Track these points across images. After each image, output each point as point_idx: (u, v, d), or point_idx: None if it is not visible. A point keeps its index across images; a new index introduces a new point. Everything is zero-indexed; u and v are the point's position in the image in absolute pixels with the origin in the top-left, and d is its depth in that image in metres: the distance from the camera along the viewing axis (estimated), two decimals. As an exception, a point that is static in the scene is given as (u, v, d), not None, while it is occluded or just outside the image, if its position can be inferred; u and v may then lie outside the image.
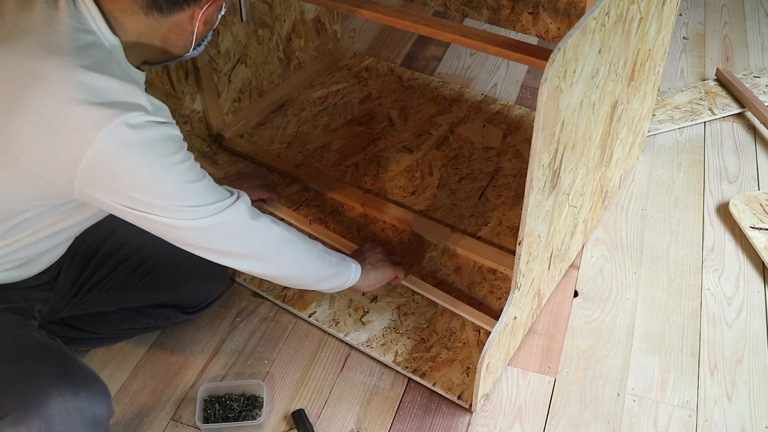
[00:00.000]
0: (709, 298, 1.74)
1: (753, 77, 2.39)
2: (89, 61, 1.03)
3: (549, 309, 1.71)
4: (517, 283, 1.40)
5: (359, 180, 2.02)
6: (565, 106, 1.21)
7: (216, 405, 1.49)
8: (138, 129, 1.02)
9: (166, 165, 1.07)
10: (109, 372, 1.58)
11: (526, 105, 2.31)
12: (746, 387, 1.55)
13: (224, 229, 1.20)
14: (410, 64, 2.51)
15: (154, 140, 1.05)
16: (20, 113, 1.00)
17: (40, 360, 1.15)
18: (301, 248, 1.37)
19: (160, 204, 1.09)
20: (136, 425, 1.49)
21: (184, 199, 1.11)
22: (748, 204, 1.93)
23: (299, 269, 1.38)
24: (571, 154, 1.38)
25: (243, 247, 1.25)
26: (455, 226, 1.87)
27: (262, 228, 1.27)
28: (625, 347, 1.63)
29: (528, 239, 1.32)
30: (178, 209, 1.11)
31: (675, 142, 2.17)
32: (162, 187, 1.08)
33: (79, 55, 1.02)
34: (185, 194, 1.11)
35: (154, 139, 1.05)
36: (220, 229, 1.19)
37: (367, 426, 1.49)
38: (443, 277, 1.76)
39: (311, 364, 1.60)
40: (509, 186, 1.99)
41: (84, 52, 1.03)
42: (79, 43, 1.04)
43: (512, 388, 1.55)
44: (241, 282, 1.76)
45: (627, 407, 1.52)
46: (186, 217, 1.13)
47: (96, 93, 1.00)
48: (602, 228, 1.90)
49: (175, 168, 1.09)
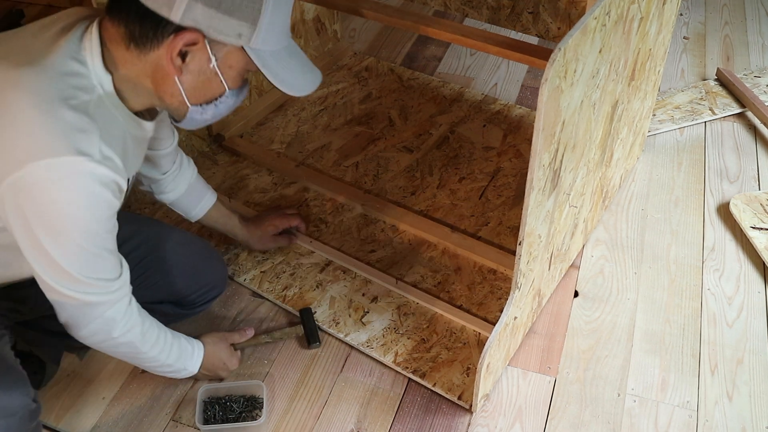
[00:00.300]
0: (710, 298, 1.73)
1: (753, 77, 2.39)
2: (63, 90, 1.03)
3: (549, 309, 1.71)
4: (518, 283, 1.40)
5: (359, 180, 2.02)
6: (565, 106, 1.21)
7: (216, 406, 1.48)
8: (73, 175, 1.02)
9: (80, 221, 1.07)
10: (108, 372, 1.58)
11: (526, 105, 2.31)
12: (747, 387, 1.55)
13: (83, 309, 1.19)
14: (410, 64, 2.51)
15: (83, 192, 1.05)
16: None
17: None
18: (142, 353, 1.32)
19: (51, 251, 1.08)
20: (136, 425, 1.49)
21: (70, 262, 1.11)
22: (749, 204, 1.92)
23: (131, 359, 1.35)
24: (571, 154, 1.37)
25: (87, 329, 1.22)
26: (455, 226, 1.87)
27: (119, 327, 1.24)
28: (625, 347, 1.63)
29: (528, 239, 1.32)
30: (60, 269, 1.11)
31: (675, 142, 2.17)
32: (63, 238, 1.08)
33: (57, 81, 1.03)
34: (76, 258, 1.11)
35: (81, 191, 1.04)
36: (78, 309, 1.19)
37: (367, 426, 1.49)
38: (443, 277, 1.76)
39: (311, 364, 1.60)
40: (509, 186, 1.99)
41: (63, 79, 1.04)
42: (64, 70, 1.05)
43: (512, 389, 1.55)
44: (241, 282, 1.76)
45: (627, 407, 1.52)
46: (60, 281, 1.13)
47: (49, 121, 1.01)
48: (602, 228, 1.90)
49: (86, 228, 1.09)
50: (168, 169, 1.54)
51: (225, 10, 1.03)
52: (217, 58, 1.09)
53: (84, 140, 1.03)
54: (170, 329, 1.39)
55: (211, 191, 1.67)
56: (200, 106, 1.16)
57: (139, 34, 1.06)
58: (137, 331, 1.27)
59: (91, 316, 1.20)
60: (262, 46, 1.09)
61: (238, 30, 1.06)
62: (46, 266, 1.11)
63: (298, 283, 1.75)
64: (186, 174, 1.60)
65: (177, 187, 1.58)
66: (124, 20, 1.07)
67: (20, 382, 1.22)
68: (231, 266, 1.79)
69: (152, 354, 1.33)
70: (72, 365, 1.60)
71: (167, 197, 1.59)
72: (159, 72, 1.10)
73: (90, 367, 1.60)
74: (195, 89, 1.13)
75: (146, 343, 1.30)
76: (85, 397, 1.54)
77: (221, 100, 1.17)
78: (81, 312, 1.19)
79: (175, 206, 1.63)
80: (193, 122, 1.19)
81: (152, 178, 1.54)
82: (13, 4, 2.87)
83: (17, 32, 1.14)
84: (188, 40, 1.05)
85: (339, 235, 1.87)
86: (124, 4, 1.06)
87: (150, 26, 1.05)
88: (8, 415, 1.18)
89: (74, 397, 1.54)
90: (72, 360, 1.61)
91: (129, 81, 1.11)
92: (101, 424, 1.50)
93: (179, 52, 1.06)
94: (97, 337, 1.23)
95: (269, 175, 2.05)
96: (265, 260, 1.80)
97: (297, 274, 1.76)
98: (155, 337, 1.33)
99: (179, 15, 1.03)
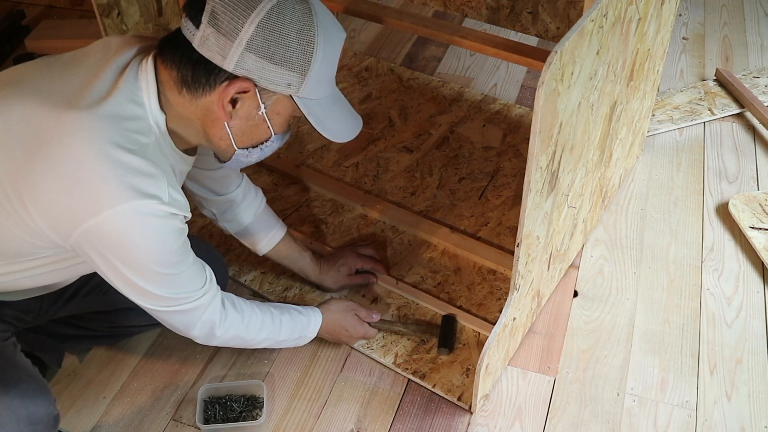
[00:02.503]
0: (709, 298, 1.74)
1: (752, 77, 2.39)
2: (126, 134, 1.06)
3: (549, 309, 1.72)
4: (516, 285, 1.40)
5: (359, 180, 2.03)
6: (562, 109, 1.21)
7: (216, 406, 1.49)
8: (145, 217, 1.06)
9: (158, 255, 1.12)
10: (108, 372, 1.59)
11: (526, 105, 2.31)
12: (746, 387, 1.56)
13: (182, 317, 1.25)
14: (410, 64, 2.51)
15: (157, 230, 1.09)
16: (45, 162, 1.03)
17: None
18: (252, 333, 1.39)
19: (137, 281, 1.14)
20: (136, 425, 1.50)
21: (157, 287, 1.16)
22: (748, 204, 1.93)
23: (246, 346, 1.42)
24: (569, 156, 1.38)
25: (194, 332, 1.30)
26: (455, 226, 1.88)
27: (219, 326, 1.31)
28: (624, 347, 1.63)
29: (526, 241, 1.33)
30: (149, 294, 1.17)
31: (674, 142, 2.17)
32: (145, 271, 1.13)
33: (119, 127, 1.06)
34: (161, 283, 1.16)
35: (155, 230, 1.09)
36: (177, 319, 1.25)
37: (367, 426, 1.49)
38: (443, 277, 1.76)
39: (311, 364, 1.60)
40: (509, 186, 1.99)
41: (124, 124, 1.07)
42: (125, 114, 1.08)
43: (512, 389, 1.56)
44: (241, 282, 1.76)
45: (627, 407, 1.52)
46: (152, 303, 1.20)
47: (120, 169, 1.04)
48: (602, 228, 1.91)
49: (165, 259, 1.13)
50: (225, 192, 1.53)
51: (277, 61, 1.07)
52: (266, 105, 1.13)
53: (152, 184, 1.07)
54: (283, 305, 1.47)
55: (280, 224, 1.65)
56: (246, 150, 1.19)
57: (192, 80, 1.09)
58: (238, 325, 1.34)
59: (191, 321, 1.26)
60: (309, 95, 1.13)
61: (288, 80, 1.09)
62: (137, 294, 1.17)
63: (299, 284, 1.75)
64: (251, 204, 1.58)
65: (241, 217, 1.58)
66: (176, 64, 1.10)
67: (43, 390, 1.24)
68: (231, 267, 1.79)
69: (261, 337, 1.39)
70: (72, 365, 1.60)
71: (231, 226, 1.59)
72: (209, 116, 1.13)
73: (90, 367, 1.60)
74: (243, 134, 1.16)
75: (251, 331, 1.36)
76: (85, 397, 1.55)
77: (266, 144, 1.20)
78: (180, 320, 1.25)
79: (241, 237, 1.62)
80: (238, 163, 1.23)
81: (210, 200, 1.53)
82: (14, 5, 2.87)
83: (71, 62, 1.15)
84: (240, 89, 1.09)
85: (339, 235, 1.87)
86: (177, 48, 1.09)
87: (203, 73, 1.08)
88: (34, 422, 1.19)
89: (74, 397, 1.55)
90: (72, 360, 1.61)
91: (181, 120, 1.15)
92: (102, 424, 1.50)
93: (230, 99, 1.10)
94: (204, 338, 1.31)
95: (269, 175, 2.05)
96: (265, 261, 1.80)
97: (297, 274, 1.77)
98: (260, 324, 1.38)
99: (232, 65, 1.06)
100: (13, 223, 1.08)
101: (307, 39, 1.07)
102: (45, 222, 1.06)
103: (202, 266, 1.25)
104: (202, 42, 1.06)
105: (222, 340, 1.33)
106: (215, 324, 1.29)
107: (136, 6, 1.73)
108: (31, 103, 1.07)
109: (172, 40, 1.11)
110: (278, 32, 1.05)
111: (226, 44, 1.05)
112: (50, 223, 1.06)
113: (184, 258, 1.18)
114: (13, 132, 1.06)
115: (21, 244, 1.11)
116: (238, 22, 1.03)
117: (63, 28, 2.65)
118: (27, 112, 1.07)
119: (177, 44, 1.09)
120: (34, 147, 1.04)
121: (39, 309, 1.38)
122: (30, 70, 1.15)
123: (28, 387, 1.20)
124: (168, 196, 1.09)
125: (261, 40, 1.05)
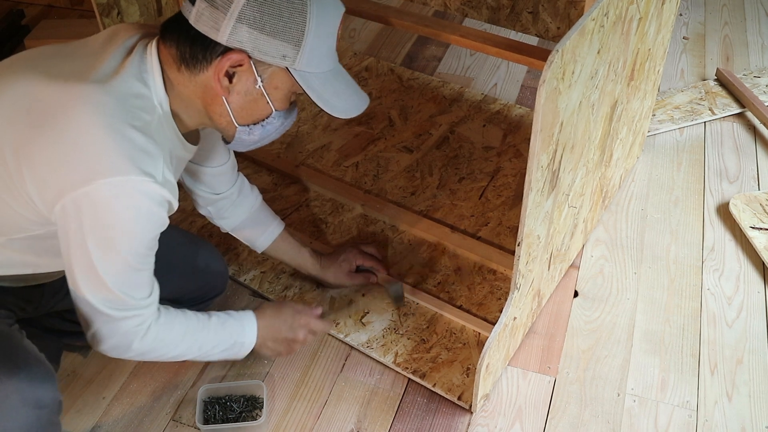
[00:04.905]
0: (710, 298, 1.74)
1: (753, 77, 2.39)
2: (129, 110, 1.07)
3: (549, 309, 1.71)
4: (517, 284, 1.40)
5: (359, 180, 2.02)
6: (563, 108, 1.21)
7: (216, 406, 1.49)
8: (136, 193, 1.05)
9: (133, 238, 1.10)
10: (108, 372, 1.59)
11: (526, 105, 2.31)
12: (746, 387, 1.55)
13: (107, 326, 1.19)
14: (410, 64, 2.51)
15: (143, 211, 1.08)
16: (48, 129, 1.04)
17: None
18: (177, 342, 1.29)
19: (97, 262, 1.10)
20: (136, 425, 1.50)
21: (111, 275, 1.12)
22: (749, 204, 1.92)
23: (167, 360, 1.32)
24: (570, 155, 1.38)
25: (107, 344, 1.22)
26: (455, 226, 1.87)
27: (137, 341, 1.22)
28: (625, 347, 1.63)
29: (527, 240, 1.32)
30: (99, 281, 1.12)
31: (675, 142, 2.17)
32: (113, 253, 1.10)
33: (123, 102, 1.07)
34: (117, 271, 1.12)
35: (141, 209, 1.08)
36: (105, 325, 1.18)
37: (367, 426, 1.49)
38: (443, 277, 1.76)
39: (311, 364, 1.60)
40: (509, 186, 1.99)
41: (129, 100, 1.08)
42: (130, 91, 1.09)
43: (512, 389, 1.56)
44: (241, 282, 1.76)
45: (627, 407, 1.52)
46: (96, 294, 1.14)
47: (122, 141, 1.04)
48: (602, 228, 1.90)
49: (137, 246, 1.11)
50: (222, 190, 1.52)
51: (269, 32, 1.07)
52: (262, 78, 1.13)
53: (150, 163, 1.06)
54: (213, 313, 1.35)
55: (277, 221, 1.64)
56: (248, 127, 1.19)
57: (190, 56, 1.10)
58: (154, 338, 1.24)
59: (114, 332, 1.19)
60: (307, 68, 1.13)
61: (282, 51, 1.09)
62: (87, 276, 1.13)
63: (299, 283, 1.75)
64: (246, 201, 1.58)
65: (236, 214, 1.57)
66: (175, 42, 1.11)
67: (50, 375, 1.22)
68: (231, 266, 1.79)
69: (180, 351, 1.29)
70: (72, 365, 1.60)
71: (226, 224, 1.58)
72: (208, 93, 1.13)
73: (90, 367, 1.60)
74: (242, 109, 1.17)
75: (174, 337, 1.27)
76: (85, 397, 1.55)
77: (268, 121, 1.20)
78: (107, 328, 1.19)
79: (238, 234, 1.61)
80: (241, 143, 1.23)
81: (206, 198, 1.53)
82: (14, 5, 2.87)
83: (79, 47, 1.17)
84: (234, 61, 1.09)
85: (339, 234, 1.87)
86: (176, 27, 1.11)
87: (199, 48, 1.09)
88: (41, 406, 1.18)
89: (74, 397, 1.54)
90: (72, 360, 1.61)
91: (183, 101, 1.15)
92: (101, 424, 1.50)
93: (226, 73, 1.10)
94: (116, 351, 1.23)
95: (269, 175, 2.05)
96: (265, 260, 1.80)
97: (297, 274, 1.76)
98: (180, 335, 1.28)
99: (225, 37, 1.07)
100: (7, 191, 1.08)
101: (299, 9, 1.07)
102: (35, 186, 1.06)
103: (154, 280, 1.21)
104: (198, 17, 1.07)
105: (133, 355, 1.24)
106: (134, 338, 1.21)
107: (136, 5, 1.73)
108: (39, 80, 1.08)
109: (172, 21, 1.13)
110: (269, 3, 1.06)
111: (219, 17, 1.06)
112: (39, 188, 1.06)
113: (150, 256, 1.16)
114: (20, 104, 1.07)
115: (11, 215, 1.11)
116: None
117: (62, 27, 2.65)
118: (34, 87, 1.08)
119: (177, 24, 1.11)
120: (40, 117, 1.05)
121: (40, 299, 1.37)
122: (39, 51, 1.17)
123: (37, 371, 1.19)
124: (162, 177, 1.08)
125: (252, 11, 1.05)
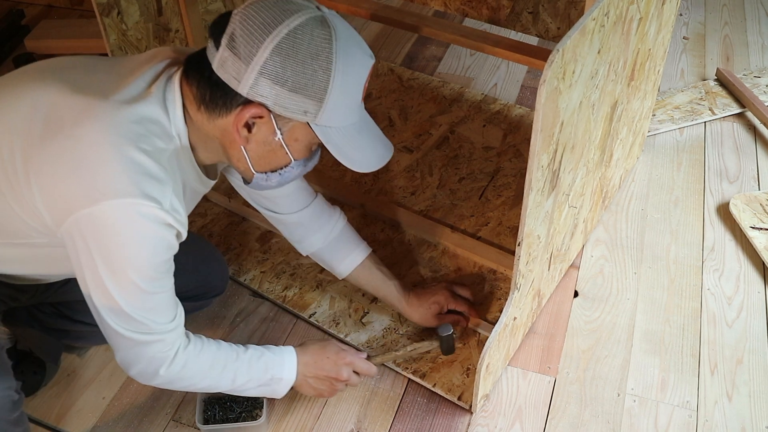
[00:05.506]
0: (710, 298, 1.73)
1: (753, 77, 2.39)
2: (145, 136, 1.07)
3: (549, 309, 1.71)
4: (517, 284, 1.40)
5: (359, 180, 2.02)
6: (564, 107, 1.21)
7: (216, 406, 1.48)
8: (140, 217, 1.04)
9: (141, 262, 1.09)
10: (108, 372, 1.59)
11: (526, 105, 2.31)
12: (746, 387, 1.55)
13: (132, 351, 1.18)
14: (410, 64, 2.51)
15: (148, 235, 1.07)
16: (60, 140, 1.04)
17: None
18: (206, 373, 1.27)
19: (110, 288, 1.09)
20: (136, 425, 1.49)
21: (126, 300, 1.11)
22: (749, 204, 1.92)
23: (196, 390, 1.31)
24: (570, 155, 1.37)
25: (135, 369, 1.20)
26: (455, 226, 1.87)
27: (165, 366, 1.20)
28: (625, 347, 1.63)
29: (527, 240, 1.32)
30: (117, 308, 1.12)
31: (675, 142, 2.17)
32: (123, 277, 1.09)
33: (137, 123, 1.07)
34: (131, 296, 1.11)
35: (146, 234, 1.07)
36: (131, 350, 1.18)
37: (367, 426, 1.49)
38: (443, 277, 1.76)
39: (311, 364, 1.60)
40: (509, 186, 1.99)
41: (146, 125, 1.08)
42: (147, 115, 1.08)
43: (512, 389, 1.56)
44: (241, 282, 1.76)
45: (627, 407, 1.52)
46: (117, 320, 1.13)
47: (129, 165, 1.04)
48: (602, 228, 1.90)
49: (146, 270, 1.10)
50: (285, 211, 1.49)
51: (291, 87, 1.05)
52: (282, 131, 1.11)
53: (156, 188, 1.06)
54: (251, 346, 1.33)
55: (361, 248, 1.57)
56: (265, 174, 1.19)
57: (209, 100, 1.10)
58: (182, 365, 1.22)
59: (140, 357, 1.18)
60: (328, 123, 1.10)
61: (303, 107, 1.07)
62: (105, 302, 1.12)
63: (298, 283, 1.75)
64: (324, 227, 1.53)
65: (310, 239, 1.53)
66: (196, 82, 1.10)
67: (1, 373, 1.21)
68: (231, 266, 1.79)
69: (211, 381, 1.27)
70: (72, 365, 1.60)
71: (301, 248, 1.55)
72: (227, 137, 1.13)
73: (90, 367, 1.60)
74: (260, 158, 1.16)
75: (197, 374, 1.25)
76: (85, 397, 1.55)
77: (286, 170, 1.19)
78: (133, 353, 1.18)
79: (316, 259, 1.58)
80: (259, 187, 1.22)
81: (274, 218, 1.51)
82: (14, 5, 2.87)
83: (116, 63, 1.17)
84: (254, 114, 1.08)
85: (339, 235, 1.87)
86: (198, 67, 1.10)
87: (219, 95, 1.08)
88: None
89: (74, 397, 1.54)
90: (72, 360, 1.61)
91: (201, 137, 1.15)
92: (101, 424, 1.50)
93: (245, 124, 1.09)
94: (143, 377, 1.21)
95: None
96: (265, 260, 1.80)
97: (297, 274, 1.76)
98: (210, 364, 1.26)
99: (246, 89, 1.06)
100: (14, 197, 1.08)
101: (323, 66, 1.04)
102: (42, 199, 1.05)
103: (177, 302, 1.20)
104: (221, 64, 1.06)
105: (161, 382, 1.23)
106: (163, 363, 1.19)
107: (136, 5, 1.73)
108: (63, 90, 1.08)
109: (196, 59, 1.11)
110: (293, 58, 1.03)
111: (241, 68, 1.04)
112: (47, 201, 1.05)
113: (164, 279, 1.15)
114: (39, 111, 1.07)
115: (17, 222, 1.11)
116: (254, 46, 1.03)
117: (62, 27, 2.65)
118: (57, 97, 1.08)
119: (200, 63, 1.10)
120: (54, 128, 1.05)
121: (35, 290, 1.38)
122: (77, 61, 1.17)
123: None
124: (169, 204, 1.07)
125: (275, 66, 1.03)
